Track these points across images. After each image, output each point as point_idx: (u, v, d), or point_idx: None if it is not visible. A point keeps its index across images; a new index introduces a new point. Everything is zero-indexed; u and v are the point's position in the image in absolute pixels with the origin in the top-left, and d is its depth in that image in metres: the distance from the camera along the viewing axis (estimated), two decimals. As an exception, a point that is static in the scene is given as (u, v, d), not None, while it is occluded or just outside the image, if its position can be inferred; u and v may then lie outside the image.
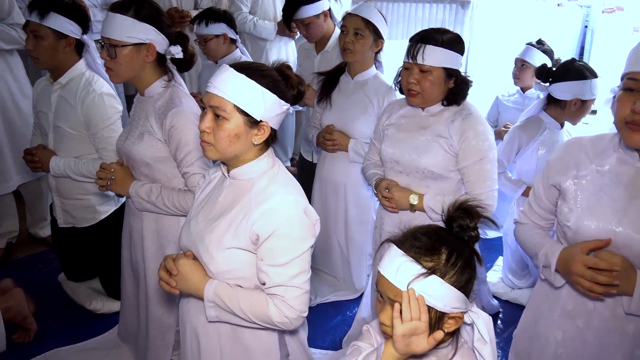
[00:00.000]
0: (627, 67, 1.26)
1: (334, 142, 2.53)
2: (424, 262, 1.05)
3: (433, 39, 1.82)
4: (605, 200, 1.33)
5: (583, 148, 1.43)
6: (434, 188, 1.96)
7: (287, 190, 1.37)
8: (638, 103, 1.20)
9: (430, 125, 1.94)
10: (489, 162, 1.89)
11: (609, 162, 1.36)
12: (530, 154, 2.55)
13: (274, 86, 1.35)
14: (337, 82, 2.58)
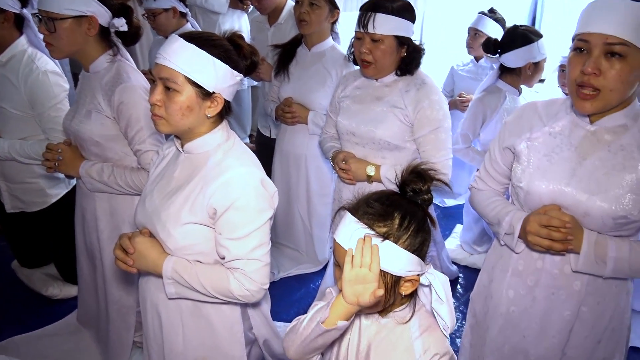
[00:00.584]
0: (577, 28, 1.28)
1: (293, 114, 2.51)
2: (377, 227, 1.05)
3: (383, 7, 1.81)
4: (556, 161, 1.36)
5: (536, 111, 1.45)
6: (390, 159, 1.97)
7: (243, 163, 1.35)
8: (588, 63, 1.22)
9: (385, 96, 1.94)
10: (443, 131, 1.91)
11: (560, 124, 1.39)
12: (495, 123, 2.59)
13: (225, 56, 1.31)
14: (294, 54, 2.55)
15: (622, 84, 1.22)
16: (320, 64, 2.47)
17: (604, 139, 1.32)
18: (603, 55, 1.22)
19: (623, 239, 1.33)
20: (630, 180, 1.28)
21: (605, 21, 1.20)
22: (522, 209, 1.45)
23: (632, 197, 1.27)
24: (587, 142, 1.34)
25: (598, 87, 1.23)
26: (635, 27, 1.18)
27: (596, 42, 1.21)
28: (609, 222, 1.30)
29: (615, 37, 1.19)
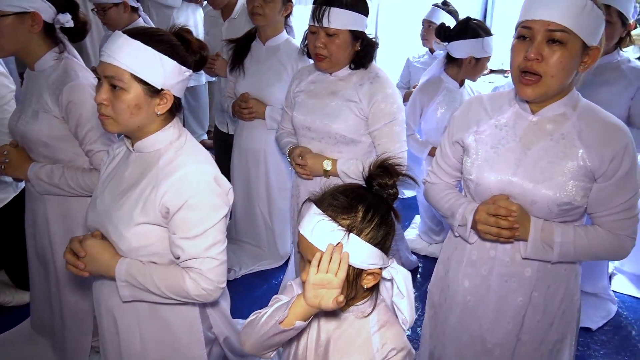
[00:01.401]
0: (520, 16, 1.31)
1: (250, 110, 2.49)
2: (341, 220, 1.05)
3: (337, 1, 1.81)
4: (503, 152, 1.40)
5: (483, 105, 1.49)
6: (346, 153, 1.98)
7: (195, 160, 1.33)
8: (530, 49, 1.25)
9: (340, 90, 1.95)
10: (398, 124, 1.93)
11: (505, 116, 1.43)
12: (431, 113, 2.64)
13: (172, 52, 1.29)
14: (249, 49, 2.52)
15: (562, 70, 1.26)
16: (275, 58, 2.45)
17: (546, 129, 1.37)
18: (545, 42, 1.25)
19: (568, 224, 1.38)
20: (572, 168, 1.32)
21: (548, 8, 1.23)
22: (474, 201, 1.48)
23: (574, 183, 1.32)
24: (530, 133, 1.38)
25: (540, 73, 1.27)
26: (576, 15, 1.22)
27: (539, 29, 1.25)
28: (555, 209, 1.34)
29: (557, 24, 1.23)
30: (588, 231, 1.38)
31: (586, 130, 1.33)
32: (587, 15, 1.23)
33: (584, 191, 1.34)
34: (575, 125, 1.34)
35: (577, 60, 1.27)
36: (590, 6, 1.23)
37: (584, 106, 1.37)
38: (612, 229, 1.37)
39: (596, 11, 1.24)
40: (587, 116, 1.35)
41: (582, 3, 1.22)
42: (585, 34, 1.24)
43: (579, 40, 1.24)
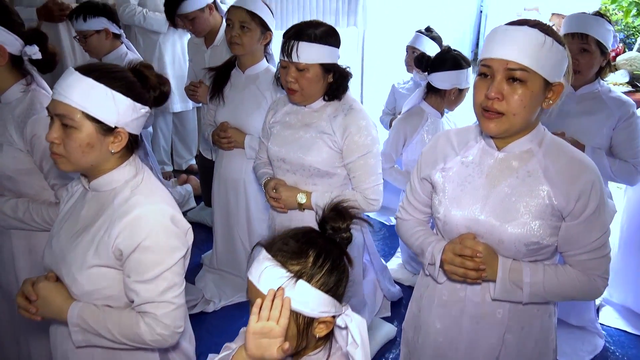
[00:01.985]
0: (481, 54, 1.29)
1: (229, 139, 2.46)
2: (290, 266, 1.01)
3: (306, 35, 1.79)
4: (469, 189, 1.36)
5: (450, 140, 1.46)
6: (321, 185, 1.95)
7: (151, 200, 1.29)
8: (491, 88, 1.23)
9: (314, 121, 1.92)
10: (372, 156, 1.90)
11: (472, 152, 1.39)
12: (416, 144, 2.61)
13: (127, 88, 1.25)
14: (229, 77, 2.50)
15: (524, 109, 1.23)
16: (254, 86, 2.43)
17: (512, 165, 1.33)
18: (505, 81, 1.23)
19: (537, 263, 1.34)
20: (538, 206, 1.29)
21: (506, 47, 1.21)
22: (443, 239, 1.44)
23: (541, 222, 1.28)
24: (496, 170, 1.35)
25: (502, 111, 1.24)
26: (535, 53, 1.20)
27: (498, 68, 1.22)
28: (522, 248, 1.30)
29: (515, 63, 1.20)
30: (559, 271, 1.34)
31: (552, 167, 1.30)
32: (546, 53, 1.20)
33: (551, 230, 1.29)
34: (540, 162, 1.31)
35: (539, 97, 1.24)
36: (550, 43, 1.20)
37: (550, 142, 1.34)
38: (583, 269, 1.33)
39: (556, 47, 1.21)
40: (553, 152, 1.32)
41: (541, 41, 1.19)
42: (546, 71, 1.21)
43: (540, 78, 1.22)
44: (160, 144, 4.17)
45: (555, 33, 1.24)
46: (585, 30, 2.09)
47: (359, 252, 2.14)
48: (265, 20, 2.34)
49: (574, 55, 2.07)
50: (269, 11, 2.37)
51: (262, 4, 2.35)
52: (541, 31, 1.20)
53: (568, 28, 2.14)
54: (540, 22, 1.24)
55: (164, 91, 1.38)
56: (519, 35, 1.20)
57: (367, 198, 1.92)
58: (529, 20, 1.24)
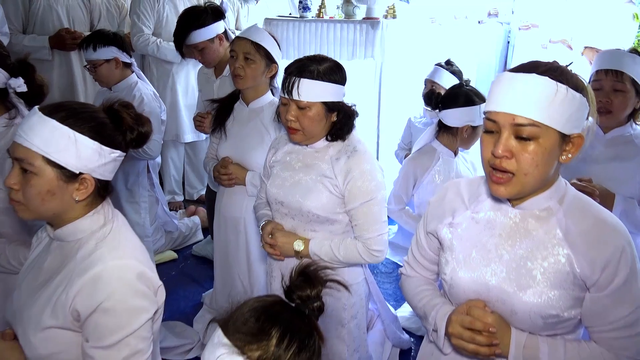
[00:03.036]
0: (485, 105, 1.14)
1: (230, 176, 2.33)
2: (249, 351, 0.86)
3: (308, 71, 1.66)
4: (480, 250, 1.20)
5: (459, 192, 1.31)
6: (321, 232, 1.81)
7: (116, 255, 1.15)
8: (498, 145, 1.07)
9: (315, 163, 1.79)
10: (377, 203, 1.75)
11: (483, 207, 1.23)
12: (427, 185, 2.44)
13: (95, 131, 1.14)
14: (232, 110, 2.39)
15: (536, 168, 1.08)
16: (258, 120, 2.31)
17: (528, 225, 1.17)
18: (513, 136, 1.07)
19: (556, 338, 1.16)
20: (557, 273, 1.12)
21: (512, 100, 1.06)
22: (449, 302, 1.27)
23: (560, 292, 1.11)
24: (510, 229, 1.18)
25: (511, 171, 1.09)
26: (546, 105, 1.04)
27: (504, 123, 1.07)
28: (538, 321, 1.12)
29: (524, 118, 1.05)
30: (582, 348, 1.15)
31: (574, 229, 1.12)
32: (560, 103, 1.04)
33: (573, 301, 1.12)
34: (561, 223, 1.14)
35: (554, 152, 1.08)
36: (564, 92, 1.04)
37: (573, 199, 1.17)
38: (611, 348, 1.14)
39: (572, 95, 1.05)
40: (576, 212, 1.15)
41: (552, 90, 1.04)
42: (561, 124, 1.06)
43: (554, 132, 1.06)
44: (171, 174, 4.09)
45: (572, 77, 1.08)
46: (621, 68, 1.92)
47: (361, 305, 1.96)
48: (270, 52, 2.24)
49: (606, 94, 1.90)
50: (275, 43, 2.27)
51: (268, 35, 2.25)
52: (553, 78, 1.05)
53: (601, 64, 1.97)
54: (553, 65, 1.09)
55: (142, 132, 1.26)
56: (527, 85, 1.05)
57: (369, 249, 1.76)
58: (539, 65, 1.09)
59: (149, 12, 3.63)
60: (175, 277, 3.29)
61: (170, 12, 3.69)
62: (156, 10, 3.66)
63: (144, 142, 1.29)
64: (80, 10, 3.61)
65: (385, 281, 3.26)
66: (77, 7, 3.59)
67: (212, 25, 2.82)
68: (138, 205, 3.21)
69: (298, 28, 3.90)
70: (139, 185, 3.17)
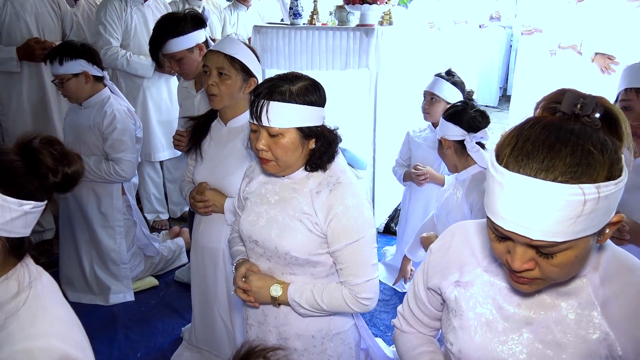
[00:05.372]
0: (486, 208, 0.89)
1: (206, 203, 2.07)
2: None
3: (278, 93, 1.41)
4: (496, 319, 0.96)
5: (468, 241, 1.05)
6: (301, 275, 1.55)
7: (30, 334, 0.90)
8: (514, 259, 0.85)
9: (292, 197, 1.54)
10: (364, 244, 1.49)
11: (499, 265, 0.98)
12: None
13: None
14: (208, 129, 2.13)
15: (567, 274, 0.86)
16: (237, 140, 2.04)
17: (556, 299, 0.94)
18: (532, 248, 0.84)
19: None
20: (589, 354, 0.88)
21: (523, 219, 0.81)
22: None
23: None
24: (534, 300, 0.93)
25: (537, 277, 0.86)
26: (569, 222, 0.79)
27: (518, 239, 0.83)
28: None
29: (543, 241, 0.81)
30: None
31: (615, 301, 0.89)
32: (591, 213, 0.79)
33: None
34: (597, 294, 0.90)
35: (587, 248, 0.84)
36: (595, 199, 0.78)
37: (612, 260, 0.92)
38: None
39: (606, 195, 0.79)
40: (615, 278, 0.91)
41: (578, 206, 0.78)
42: (594, 229, 0.81)
43: (587, 237, 0.82)
44: (151, 193, 3.84)
45: (603, 151, 0.81)
46: None
47: (351, 355, 1.69)
48: (247, 65, 1.98)
49: (637, 116, 1.65)
50: (253, 55, 2.01)
51: (245, 47, 2.00)
52: (577, 177, 0.78)
53: (630, 81, 1.72)
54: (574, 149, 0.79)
55: (69, 174, 1.00)
56: (542, 201, 0.78)
57: (357, 297, 1.51)
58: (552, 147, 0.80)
59: (115, 22, 3.38)
60: (154, 307, 3.04)
61: (138, 21, 3.45)
62: (123, 20, 3.40)
63: (73, 185, 1.04)
64: (50, 19, 3.36)
65: (382, 310, 2.99)
66: (46, 15, 3.33)
67: (191, 33, 2.57)
68: (113, 230, 2.96)
69: (288, 36, 3.66)
70: (113, 209, 2.92)
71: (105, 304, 3.02)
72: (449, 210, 2.21)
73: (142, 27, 3.47)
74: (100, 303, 3.02)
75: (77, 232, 2.96)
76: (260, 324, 1.65)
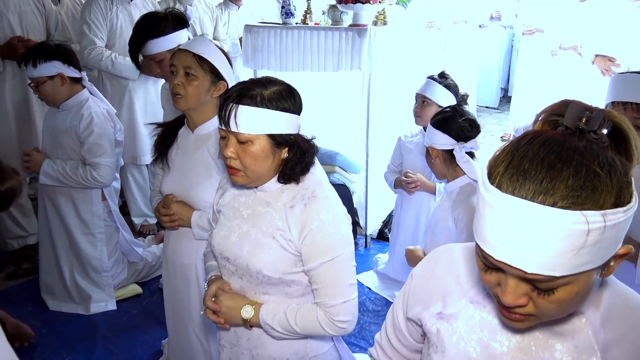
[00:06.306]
0: (476, 235, 0.77)
1: (171, 217, 1.95)
2: None
3: (249, 97, 1.31)
4: (481, 357, 0.86)
5: (453, 267, 0.95)
6: (275, 295, 1.44)
7: None
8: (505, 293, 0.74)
9: (267, 211, 1.43)
10: (341, 262, 1.38)
11: (486, 296, 0.87)
12: None
13: None
14: (176, 137, 2.01)
15: (565, 312, 0.75)
16: (205, 149, 1.92)
17: (550, 339, 0.83)
18: (526, 282, 0.73)
19: None
20: None
21: (518, 249, 0.69)
22: None
23: None
24: (525, 340, 0.83)
25: (530, 314, 0.75)
26: (571, 254, 0.67)
27: (510, 270, 0.72)
28: None
29: (541, 275, 0.70)
30: None
31: (617, 346, 0.78)
32: (595, 244, 0.68)
33: None
34: (598, 337, 0.79)
35: (590, 283, 0.73)
36: (599, 232, 0.67)
37: (615, 300, 0.82)
38: None
39: (613, 223, 0.68)
40: (619, 319, 0.80)
41: (579, 240, 0.67)
42: (598, 262, 0.70)
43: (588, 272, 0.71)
44: (137, 196, 3.74)
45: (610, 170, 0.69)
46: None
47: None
48: (216, 66, 1.86)
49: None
50: (224, 58, 1.89)
51: (215, 47, 1.87)
52: (581, 207, 0.67)
53: (617, 94, 1.59)
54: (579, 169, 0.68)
55: (2, 192, 0.90)
56: (540, 228, 0.67)
57: (332, 319, 1.39)
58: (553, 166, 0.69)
59: (100, 21, 3.27)
60: (136, 316, 2.93)
61: (124, 20, 3.34)
62: (109, 19, 3.30)
63: (8, 203, 0.94)
64: (34, 17, 3.26)
65: (372, 322, 2.87)
66: (30, 13, 3.23)
67: (172, 34, 2.47)
68: (93, 236, 2.86)
69: (280, 36, 3.54)
70: (93, 215, 2.82)
71: (86, 313, 2.92)
72: (436, 222, 2.09)
73: (129, 26, 3.36)
74: (81, 312, 2.93)
75: (57, 238, 2.86)
76: (232, 346, 1.54)
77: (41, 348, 2.65)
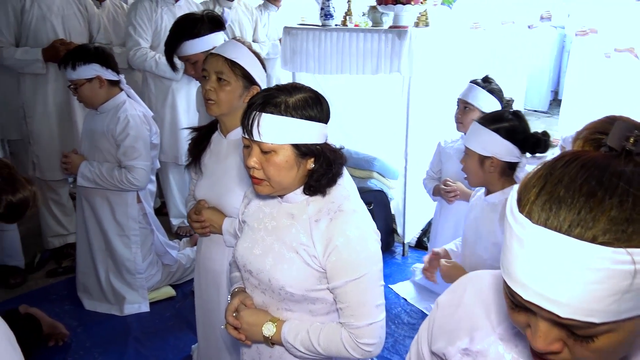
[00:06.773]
0: (504, 275, 0.67)
1: (203, 224, 1.91)
2: None
3: (273, 104, 1.24)
4: None
5: (483, 299, 0.86)
6: (299, 312, 1.37)
7: None
8: (535, 337, 0.65)
9: (292, 224, 1.36)
10: (368, 281, 1.29)
11: (519, 333, 0.78)
12: None
13: None
14: (209, 141, 1.98)
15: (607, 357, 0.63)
16: (237, 154, 1.87)
17: None
18: (561, 327, 0.64)
19: None
20: None
21: (551, 290, 0.59)
22: None
23: None
24: None
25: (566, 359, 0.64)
26: (612, 299, 0.57)
27: (542, 314, 0.63)
28: None
29: (576, 321, 0.60)
30: None
31: None
32: (636, 292, 0.57)
33: None
34: None
35: (636, 332, 0.63)
36: None
37: None
38: None
39: None
40: None
41: (624, 282, 0.57)
42: None
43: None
44: (176, 197, 3.75)
45: None
46: None
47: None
48: (249, 71, 1.81)
49: None
50: (257, 62, 1.83)
51: (248, 51, 1.82)
52: (626, 244, 0.56)
53: None
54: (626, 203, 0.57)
55: (13, 203, 0.87)
56: (574, 271, 0.57)
57: (357, 341, 1.31)
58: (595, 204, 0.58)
59: (145, 22, 3.30)
60: (168, 319, 2.93)
61: (169, 22, 3.35)
62: (154, 21, 3.32)
63: (21, 214, 0.90)
64: (77, 21, 3.31)
65: (407, 335, 2.77)
66: (73, 17, 3.29)
67: (208, 35, 2.45)
68: (128, 239, 2.87)
69: (319, 38, 3.48)
70: (128, 217, 2.83)
71: (120, 314, 2.94)
72: (479, 236, 1.96)
73: (173, 27, 3.39)
74: (115, 313, 2.95)
75: (93, 239, 2.89)
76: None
77: (75, 347, 2.68)
